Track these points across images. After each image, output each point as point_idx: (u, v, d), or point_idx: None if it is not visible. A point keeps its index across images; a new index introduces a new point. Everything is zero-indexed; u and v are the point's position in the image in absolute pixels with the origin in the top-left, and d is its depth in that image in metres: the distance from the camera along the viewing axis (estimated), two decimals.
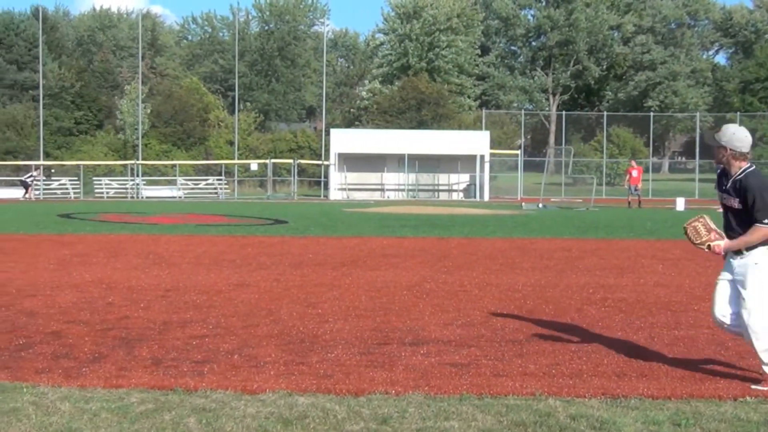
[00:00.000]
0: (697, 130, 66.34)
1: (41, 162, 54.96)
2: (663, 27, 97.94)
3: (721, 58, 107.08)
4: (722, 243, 7.37)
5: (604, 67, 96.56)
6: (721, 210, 7.74)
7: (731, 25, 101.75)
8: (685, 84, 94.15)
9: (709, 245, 7.41)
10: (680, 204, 40.30)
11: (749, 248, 7.24)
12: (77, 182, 52.96)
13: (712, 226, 7.54)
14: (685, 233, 7.69)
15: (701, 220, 7.65)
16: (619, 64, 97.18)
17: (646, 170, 64.38)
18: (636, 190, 42.59)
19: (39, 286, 12.35)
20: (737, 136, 7.39)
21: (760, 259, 7.23)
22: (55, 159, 58.76)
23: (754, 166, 7.37)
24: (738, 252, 7.31)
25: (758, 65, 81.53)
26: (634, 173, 42.89)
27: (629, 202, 43.10)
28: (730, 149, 7.34)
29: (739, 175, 7.31)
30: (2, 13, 76.30)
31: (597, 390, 6.93)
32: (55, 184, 53.56)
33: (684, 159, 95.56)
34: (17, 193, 48.23)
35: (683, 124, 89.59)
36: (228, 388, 6.87)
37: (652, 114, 68.58)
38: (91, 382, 7.02)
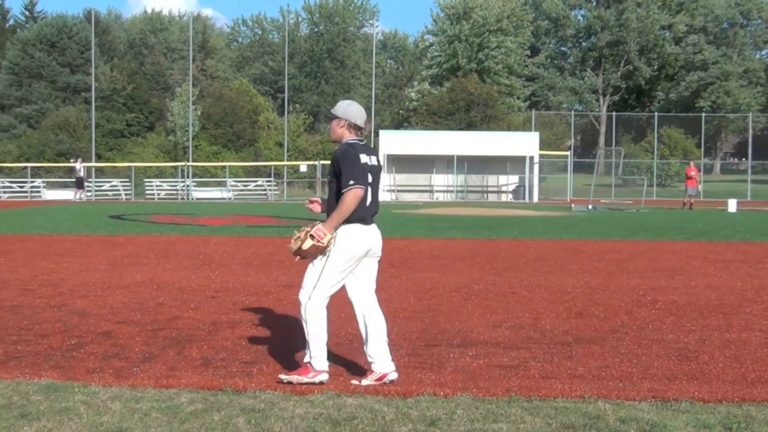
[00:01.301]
0: (750, 131, 65.61)
1: (93, 163, 55.50)
2: (715, 26, 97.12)
3: None
4: (320, 225, 7.27)
5: (655, 67, 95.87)
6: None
7: None
8: (738, 84, 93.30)
9: (308, 234, 7.28)
10: (732, 206, 39.94)
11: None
12: (128, 184, 53.40)
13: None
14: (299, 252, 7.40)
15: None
16: (671, 64, 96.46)
17: (698, 171, 64.01)
18: (693, 193, 42.88)
19: (91, 287, 12.47)
20: (352, 108, 7.45)
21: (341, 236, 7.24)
22: (107, 161, 59.32)
23: (353, 141, 7.36)
24: None
25: None
26: (692, 173, 43.18)
27: (684, 203, 43.02)
28: (346, 120, 7.35)
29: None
30: (56, 16, 77.16)
31: (647, 393, 6.88)
32: (106, 186, 54.03)
33: (736, 160, 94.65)
34: (69, 194, 48.64)
35: (735, 125, 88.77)
36: (277, 388, 6.90)
37: (703, 114, 68.03)
38: (141, 382, 7.07)
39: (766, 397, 6.82)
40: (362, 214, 7.23)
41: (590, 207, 41.50)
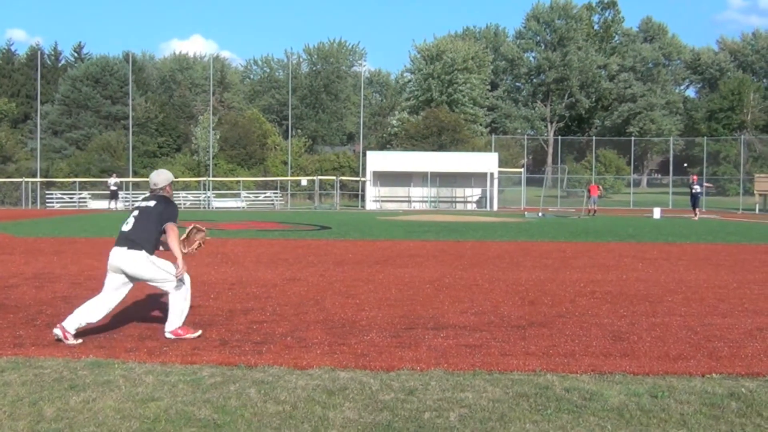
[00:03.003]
0: (671, 152, 65.79)
1: (130, 179, 55.44)
2: (642, 66, 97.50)
3: (690, 92, 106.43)
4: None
5: (593, 99, 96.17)
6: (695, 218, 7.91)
7: (699, 64, 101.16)
8: (661, 113, 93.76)
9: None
10: (657, 213, 40.06)
11: None
12: None
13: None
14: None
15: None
16: (606, 97, 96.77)
17: (628, 185, 64.14)
18: (594, 202, 43.75)
19: None
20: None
21: None
22: (142, 176, 59.21)
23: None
24: None
25: (722, 98, 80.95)
26: (595, 189, 44.51)
27: (589, 211, 43.39)
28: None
29: None
30: (99, 57, 77.09)
31: (587, 367, 6.90)
32: (141, 197, 53.84)
33: (659, 176, 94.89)
34: (110, 204, 48.56)
35: (659, 147, 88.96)
36: (282, 364, 6.91)
37: (633, 138, 68.25)
38: (170, 359, 7.08)
39: (685, 370, 6.84)
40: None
41: (540, 214, 41.59)
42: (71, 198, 53.23)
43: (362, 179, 55.17)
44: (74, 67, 79.88)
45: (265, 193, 57.17)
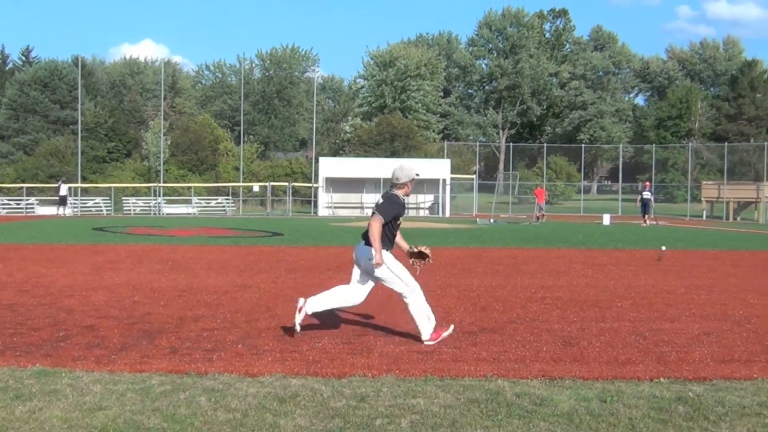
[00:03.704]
0: (620, 159, 66.62)
1: (79, 184, 54.75)
2: (593, 74, 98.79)
3: (639, 100, 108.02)
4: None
5: (545, 106, 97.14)
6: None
7: (648, 72, 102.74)
8: (611, 121, 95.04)
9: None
10: (606, 219, 40.52)
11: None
12: (109, 201, 52.79)
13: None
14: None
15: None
16: (557, 105, 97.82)
17: (578, 192, 64.84)
18: (540, 208, 44.16)
19: (76, 288, 12.28)
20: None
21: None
22: (91, 182, 58.54)
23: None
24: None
25: (670, 106, 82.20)
26: (541, 194, 44.90)
27: (538, 217, 43.79)
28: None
29: None
30: (48, 61, 76.12)
31: (538, 372, 6.95)
32: (90, 203, 53.35)
33: (609, 182, 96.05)
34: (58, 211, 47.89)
35: (609, 154, 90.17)
36: (233, 372, 6.86)
37: (583, 145, 68.94)
38: (119, 368, 6.99)
39: (634, 375, 6.92)
40: None
41: (492, 221, 41.83)
42: (18, 204, 52.37)
43: (315, 185, 55.06)
44: (22, 71, 78.76)
45: (216, 200, 56.77)
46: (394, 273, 8.17)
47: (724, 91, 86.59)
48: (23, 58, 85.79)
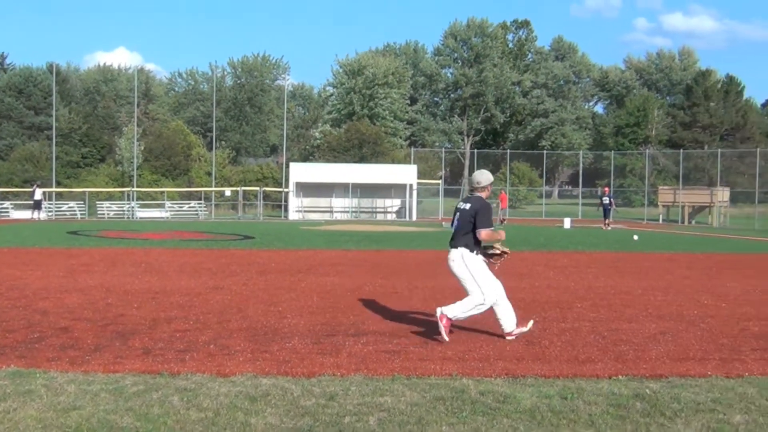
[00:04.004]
0: (581, 165, 67.12)
1: (53, 189, 54.21)
2: (554, 83, 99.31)
3: (599, 108, 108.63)
4: None
5: (508, 114, 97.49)
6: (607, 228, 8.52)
7: (607, 82, 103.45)
8: (571, 128, 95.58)
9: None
10: (567, 223, 40.76)
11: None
12: (83, 205, 52.30)
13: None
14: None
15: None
16: (520, 112, 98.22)
17: (540, 197, 65.14)
18: (503, 212, 44.78)
19: (51, 290, 12.16)
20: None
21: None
22: (66, 187, 57.96)
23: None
24: None
25: (628, 114, 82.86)
26: (504, 199, 45.37)
27: (501, 220, 44.18)
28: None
29: None
30: (22, 68, 75.30)
31: (501, 371, 6.98)
32: (64, 207, 52.85)
33: (570, 187, 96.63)
34: (33, 215, 47.35)
35: (569, 160, 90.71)
36: (205, 372, 6.82)
37: (545, 152, 69.34)
38: (92, 368, 6.93)
39: (594, 373, 6.97)
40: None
41: None
42: None
43: (285, 190, 54.88)
44: None
45: (189, 204, 56.40)
46: (478, 281, 8.39)
47: (679, 100, 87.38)
48: None
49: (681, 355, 7.81)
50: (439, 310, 8.34)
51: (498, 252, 8.75)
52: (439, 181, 60.23)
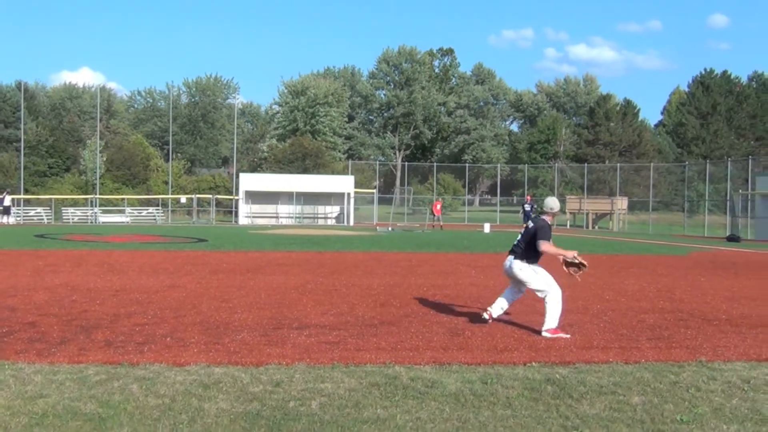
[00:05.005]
0: (498, 176, 67.88)
1: (22, 196, 52.87)
2: (475, 104, 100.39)
3: (514, 127, 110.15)
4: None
5: (434, 131, 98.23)
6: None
7: (521, 103, 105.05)
8: (490, 144, 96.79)
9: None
10: (487, 228, 41.12)
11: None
12: (50, 211, 51.13)
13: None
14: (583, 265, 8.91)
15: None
16: (445, 130, 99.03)
17: (463, 204, 65.64)
18: (437, 219, 44.86)
19: (19, 288, 11.85)
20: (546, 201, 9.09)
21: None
22: (33, 194, 56.56)
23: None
24: None
25: (539, 132, 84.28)
26: (438, 206, 45.38)
27: (434, 226, 44.37)
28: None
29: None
30: None
31: (429, 359, 7.01)
32: (32, 212, 51.57)
33: (489, 196, 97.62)
34: (2, 219, 46.11)
35: (489, 172, 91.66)
36: (162, 362, 6.72)
37: (467, 165, 69.91)
38: (58, 360, 6.77)
39: (511, 360, 7.05)
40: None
41: (390, 229, 42.02)
42: None
43: (235, 197, 54.35)
44: None
45: (147, 210, 55.51)
46: (539, 276, 8.69)
47: (584, 120, 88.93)
48: None
49: (586, 344, 7.94)
50: (546, 334, 8.37)
51: (577, 263, 8.82)
52: (374, 191, 60.34)
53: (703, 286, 13.85)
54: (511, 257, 8.84)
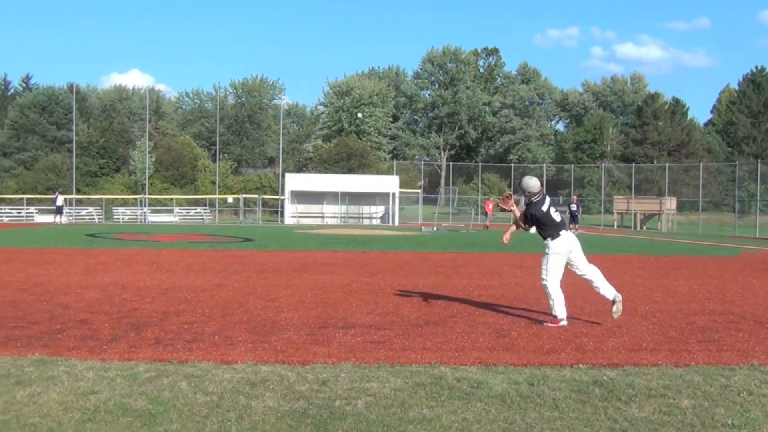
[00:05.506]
0: (544, 177, 67.27)
1: (74, 196, 53.94)
2: (520, 104, 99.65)
3: (560, 126, 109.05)
4: None
5: (479, 131, 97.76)
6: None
7: (567, 103, 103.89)
8: (536, 144, 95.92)
9: None
10: (533, 228, 40.65)
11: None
12: (101, 211, 52.08)
13: None
14: None
15: None
16: (490, 130, 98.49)
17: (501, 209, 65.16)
18: (489, 218, 44.72)
19: (71, 286, 12.08)
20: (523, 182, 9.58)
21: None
22: (85, 194, 57.66)
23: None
24: None
25: (586, 131, 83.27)
26: (490, 206, 45.09)
27: (486, 226, 44.13)
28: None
29: None
30: (46, 87, 74.86)
31: (475, 360, 6.97)
32: (84, 212, 52.59)
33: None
34: (55, 219, 47.07)
35: (534, 172, 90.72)
36: (210, 360, 6.79)
37: (512, 165, 69.49)
38: (109, 357, 6.88)
39: (557, 362, 6.97)
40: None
41: (435, 229, 41.96)
42: (19, 213, 51.37)
43: (281, 197, 54.74)
44: (22, 95, 77.38)
45: (195, 209, 56.23)
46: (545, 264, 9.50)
47: (631, 120, 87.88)
48: (24, 84, 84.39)
49: (635, 346, 7.83)
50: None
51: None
52: (419, 190, 60.28)
53: (754, 288, 13.57)
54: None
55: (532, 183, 9.50)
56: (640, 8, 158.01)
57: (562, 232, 9.28)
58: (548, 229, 9.32)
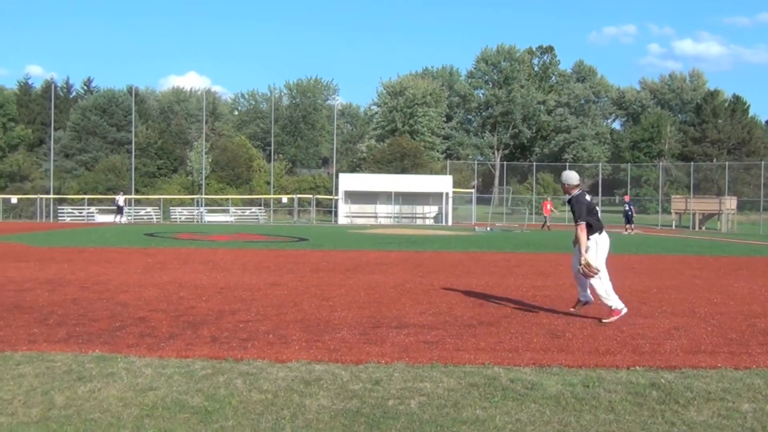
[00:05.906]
0: (600, 176, 66.40)
1: (133, 196, 54.99)
2: (575, 102, 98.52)
3: (616, 125, 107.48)
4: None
5: (534, 130, 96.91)
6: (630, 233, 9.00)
7: (624, 101, 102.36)
8: (591, 143, 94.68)
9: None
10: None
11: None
12: (158, 211, 52.98)
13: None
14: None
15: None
16: (544, 129, 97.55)
17: (563, 204, 64.53)
18: (547, 219, 44.07)
19: (130, 285, 12.31)
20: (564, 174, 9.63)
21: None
22: (143, 194, 58.72)
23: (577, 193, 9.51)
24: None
25: (643, 130, 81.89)
26: (548, 206, 44.44)
27: (544, 227, 43.61)
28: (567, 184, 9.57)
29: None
30: (106, 90, 76.41)
31: (529, 361, 6.92)
32: (142, 212, 53.57)
33: (591, 196, 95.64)
34: (113, 218, 48.03)
35: (590, 172, 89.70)
36: (265, 358, 6.85)
37: (567, 164, 68.77)
38: (167, 354, 7.00)
39: (613, 363, 6.88)
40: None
41: (488, 229, 41.72)
42: (80, 213, 52.54)
43: (335, 197, 55.02)
44: (84, 98, 79.14)
45: (250, 209, 56.82)
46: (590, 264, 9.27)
47: (690, 118, 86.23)
48: (85, 87, 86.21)
49: (693, 348, 7.68)
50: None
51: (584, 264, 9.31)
52: (472, 190, 60.02)
53: None
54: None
55: (572, 175, 9.62)
56: (699, 4, 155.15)
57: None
58: (596, 222, 9.42)
